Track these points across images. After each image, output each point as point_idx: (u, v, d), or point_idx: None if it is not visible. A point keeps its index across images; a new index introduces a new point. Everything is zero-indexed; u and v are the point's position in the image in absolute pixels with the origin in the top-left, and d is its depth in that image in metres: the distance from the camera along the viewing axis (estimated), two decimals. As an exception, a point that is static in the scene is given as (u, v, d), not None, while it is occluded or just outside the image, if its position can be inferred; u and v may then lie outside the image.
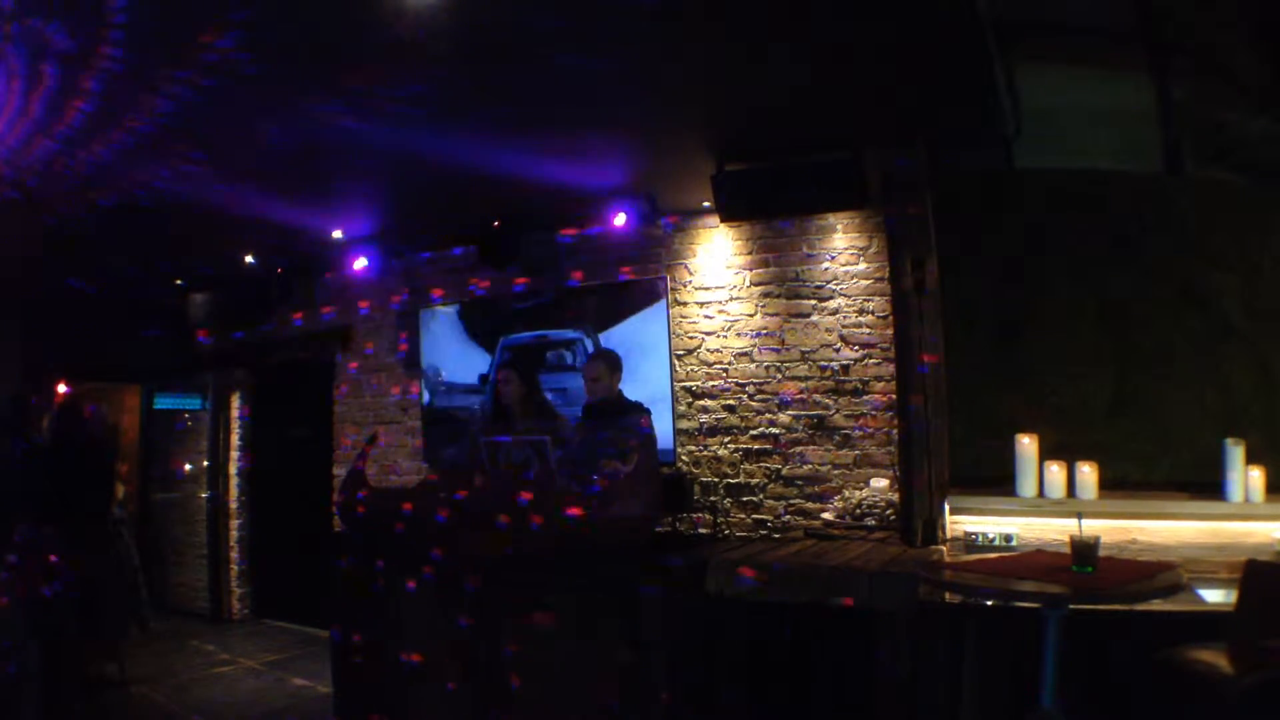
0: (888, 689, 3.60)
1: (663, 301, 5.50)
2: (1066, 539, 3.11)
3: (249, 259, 6.50)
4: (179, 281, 7.14)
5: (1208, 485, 3.96)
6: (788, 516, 5.11)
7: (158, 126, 3.91)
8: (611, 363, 4.70)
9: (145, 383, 8.40)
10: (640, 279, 5.60)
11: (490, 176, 4.68)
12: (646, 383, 5.34)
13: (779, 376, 5.19)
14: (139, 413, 8.52)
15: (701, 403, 5.41)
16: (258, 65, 3.36)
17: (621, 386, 4.65)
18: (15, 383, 6.84)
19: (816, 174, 4.53)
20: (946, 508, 4.26)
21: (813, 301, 5.12)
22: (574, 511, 3.83)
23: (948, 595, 3.46)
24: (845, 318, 5.03)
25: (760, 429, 5.22)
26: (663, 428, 5.39)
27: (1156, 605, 3.04)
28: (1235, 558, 3.55)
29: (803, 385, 5.11)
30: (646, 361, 5.48)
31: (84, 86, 3.49)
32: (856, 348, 4.99)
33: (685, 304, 5.49)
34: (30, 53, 3.20)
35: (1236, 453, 3.90)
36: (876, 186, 4.54)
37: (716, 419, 5.36)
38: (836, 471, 5.00)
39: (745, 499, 5.24)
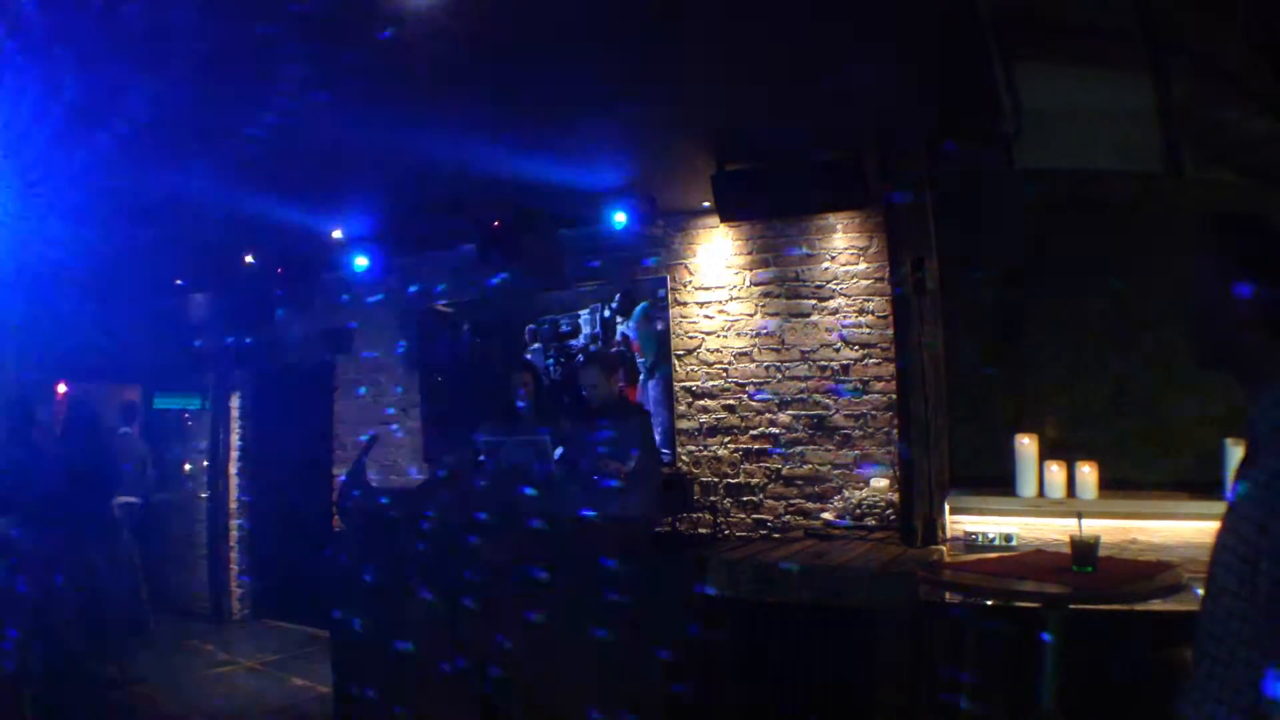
0: (888, 689, 3.60)
1: (663, 301, 5.50)
2: (1066, 539, 3.11)
3: (249, 259, 6.50)
4: (179, 281, 7.13)
5: (1208, 485, 3.95)
6: (788, 516, 5.11)
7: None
8: (607, 366, 4.70)
9: (145, 383, 8.40)
10: (640, 279, 5.60)
11: (490, 176, 4.67)
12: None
13: (779, 376, 5.19)
14: (139, 413, 8.51)
15: (701, 403, 5.41)
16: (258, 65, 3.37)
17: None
18: (15, 383, 6.84)
19: (816, 174, 4.53)
20: (946, 508, 4.26)
21: (813, 301, 5.12)
22: (573, 511, 3.83)
23: (948, 595, 3.45)
24: (845, 318, 5.03)
25: (760, 429, 5.22)
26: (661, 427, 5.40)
27: (1156, 605, 3.04)
28: (1235, 558, 3.54)
29: (803, 385, 5.11)
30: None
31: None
32: (856, 348, 4.99)
33: (685, 304, 5.49)
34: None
35: (1236, 453, 3.87)
36: (876, 186, 4.54)
37: (716, 419, 5.36)
38: (836, 471, 5.00)
39: (745, 499, 5.24)
